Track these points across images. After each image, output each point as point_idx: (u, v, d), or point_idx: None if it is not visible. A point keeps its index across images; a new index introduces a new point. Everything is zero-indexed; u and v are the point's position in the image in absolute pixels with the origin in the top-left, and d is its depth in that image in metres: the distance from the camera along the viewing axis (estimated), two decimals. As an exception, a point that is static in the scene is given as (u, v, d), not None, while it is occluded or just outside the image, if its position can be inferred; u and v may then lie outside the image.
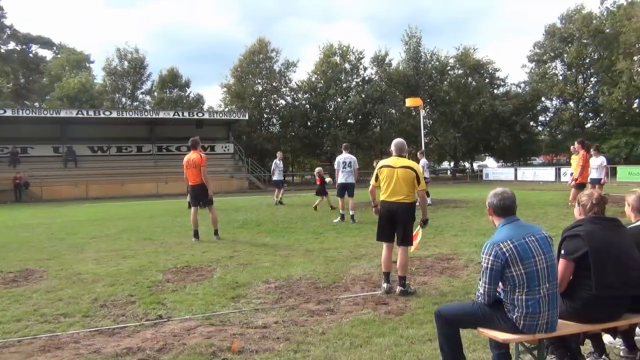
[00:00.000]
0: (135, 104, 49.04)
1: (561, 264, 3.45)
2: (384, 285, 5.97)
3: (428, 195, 17.20)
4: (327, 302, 5.61)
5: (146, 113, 37.59)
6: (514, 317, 3.21)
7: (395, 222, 6.00)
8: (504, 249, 3.17)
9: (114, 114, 34.67)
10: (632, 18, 38.80)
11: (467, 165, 56.54)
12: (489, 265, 3.21)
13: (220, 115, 39.02)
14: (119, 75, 47.69)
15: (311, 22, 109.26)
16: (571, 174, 14.54)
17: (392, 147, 6.24)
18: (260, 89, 45.60)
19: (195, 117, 36.69)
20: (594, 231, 3.41)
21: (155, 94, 49.22)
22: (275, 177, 19.37)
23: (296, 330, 4.71)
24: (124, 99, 49.45)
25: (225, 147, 39.07)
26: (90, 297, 6.03)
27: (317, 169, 18.09)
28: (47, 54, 57.96)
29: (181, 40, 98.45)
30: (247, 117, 38.65)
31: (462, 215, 13.95)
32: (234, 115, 38.90)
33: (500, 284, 3.30)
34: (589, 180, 13.67)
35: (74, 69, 49.17)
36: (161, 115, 35.90)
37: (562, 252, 3.48)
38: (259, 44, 44.96)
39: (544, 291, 3.18)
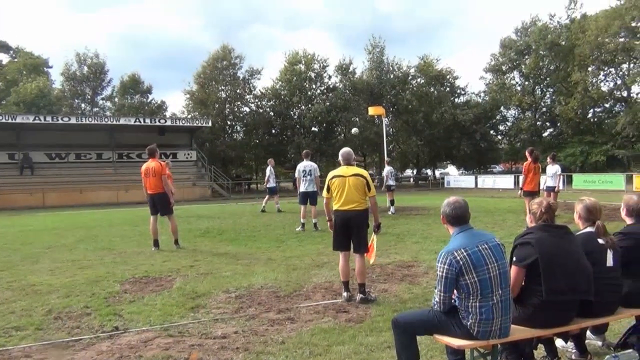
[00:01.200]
0: (95, 110, 48.01)
1: (513, 270, 3.56)
2: (344, 294, 6.01)
3: (393, 204, 17.47)
4: (287, 311, 5.60)
5: (106, 119, 36.78)
6: (469, 323, 3.28)
7: (350, 230, 6.11)
8: (458, 258, 3.25)
9: (73, 120, 33.78)
10: (586, 31, 40.29)
11: (429, 172, 57.40)
12: (444, 274, 3.29)
13: (183, 122, 38.52)
14: (78, 80, 46.60)
15: (277, 30, 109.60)
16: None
17: (340, 157, 6.40)
18: (224, 95, 45.30)
19: (158, 123, 36.11)
20: (544, 239, 3.51)
21: (116, 99, 48.30)
22: (270, 184, 19.23)
23: (256, 340, 4.69)
24: (83, 105, 48.32)
25: (188, 154, 38.58)
26: (44, 309, 5.85)
27: None
28: (4, 57, 56.10)
29: (144, 45, 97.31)
30: (210, 124, 38.30)
31: (423, 222, 14.13)
32: (197, 122, 38.45)
33: (455, 291, 3.37)
34: (544, 188, 14.07)
35: (31, 73, 47.68)
36: (122, 121, 35.14)
37: (514, 259, 3.59)
38: (222, 51, 44.70)
39: (497, 298, 3.26)
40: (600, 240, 3.80)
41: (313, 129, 45.58)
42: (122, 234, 13.26)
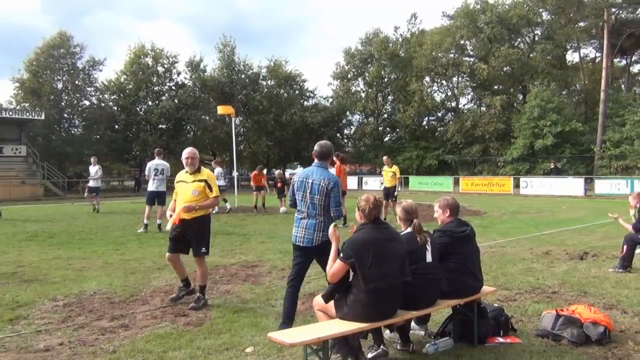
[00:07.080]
0: None
1: (337, 263, 3.80)
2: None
3: (226, 201, 17.50)
4: (122, 318, 5.31)
5: None
6: (296, 235, 4.72)
7: (193, 235, 5.85)
8: (295, 179, 4.85)
9: None
10: (422, 45, 43.99)
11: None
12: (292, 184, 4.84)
13: (10, 113, 34.60)
14: None
15: (127, 19, 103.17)
16: (381, 183, 16.42)
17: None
18: (60, 86, 41.63)
19: (-22, 114, 32.13)
20: (372, 238, 3.74)
21: None
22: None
23: (83, 350, 4.37)
24: None
25: (17, 149, 34.77)
26: None
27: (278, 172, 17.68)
28: None
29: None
30: (43, 117, 34.93)
31: (270, 222, 14.32)
32: (28, 114, 34.85)
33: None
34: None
35: None
36: None
37: (341, 254, 3.80)
38: (59, 38, 40.95)
39: (307, 212, 4.67)
40: (417, 238, 4.15)
41: (161, 126, 43.77)
42: None
